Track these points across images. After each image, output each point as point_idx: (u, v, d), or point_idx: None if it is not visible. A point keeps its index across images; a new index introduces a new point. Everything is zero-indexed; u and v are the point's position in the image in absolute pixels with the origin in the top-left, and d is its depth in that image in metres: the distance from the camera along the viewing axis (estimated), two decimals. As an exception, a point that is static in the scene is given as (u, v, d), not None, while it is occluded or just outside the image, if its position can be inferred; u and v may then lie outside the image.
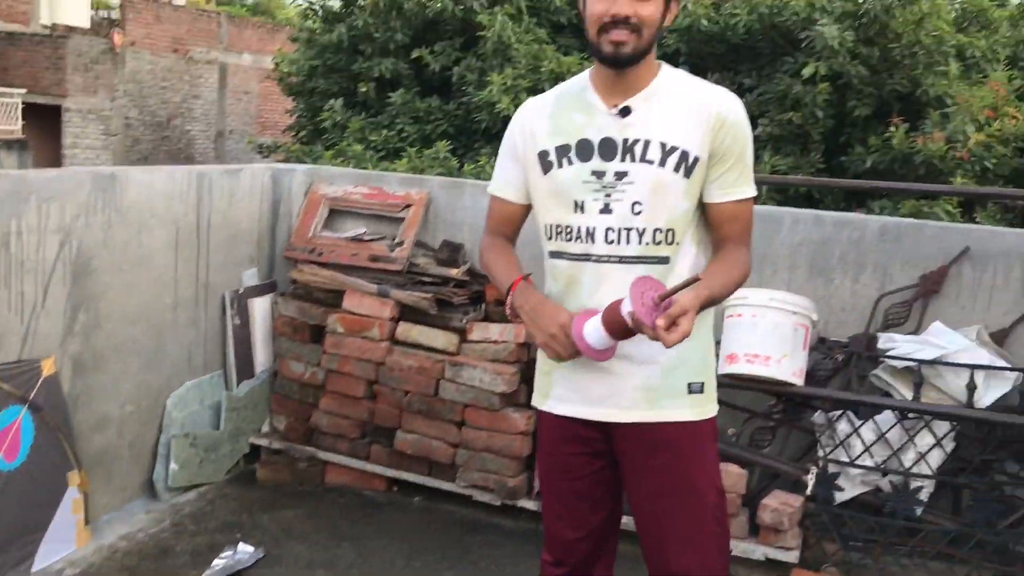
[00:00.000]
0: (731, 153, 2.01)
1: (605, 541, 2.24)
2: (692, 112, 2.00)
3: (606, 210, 2.01)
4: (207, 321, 3.99)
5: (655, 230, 2.00)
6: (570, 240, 2.06)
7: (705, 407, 2.09)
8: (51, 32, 14.89)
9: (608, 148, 2.02)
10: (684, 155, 1.98)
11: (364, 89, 8.77)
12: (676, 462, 2.06)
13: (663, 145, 1.99)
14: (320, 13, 9.75)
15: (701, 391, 2.08)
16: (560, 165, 2.05)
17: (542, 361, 2.20)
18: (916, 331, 3.42)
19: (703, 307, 1.92)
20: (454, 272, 3.93)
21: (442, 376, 3.74)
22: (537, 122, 2.10)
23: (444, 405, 3.73)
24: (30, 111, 14.55)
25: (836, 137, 7.65)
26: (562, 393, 2.14)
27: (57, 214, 3.21)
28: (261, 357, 4.21)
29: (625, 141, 2.01)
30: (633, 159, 2.00)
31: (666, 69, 2.08)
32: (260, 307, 4.19)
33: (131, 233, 3.54)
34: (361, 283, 3.94)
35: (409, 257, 4.00)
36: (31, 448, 3.11)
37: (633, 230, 2.00)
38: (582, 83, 2.10)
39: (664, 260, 2.02)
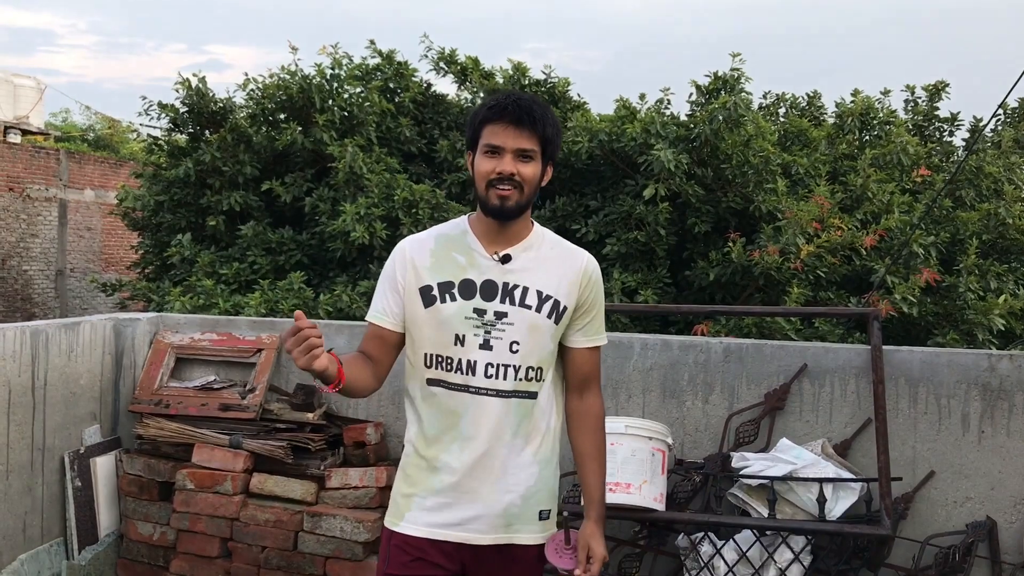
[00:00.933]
0: (594, 305, 2.31)
1: None
2: (564, 267, 2.27)
3: (486, 346, 2.19)
4: (44, 486, 3.74)
5: (528, 368, 2.21)
6: (450, 371, 2.21)
7: (549, 531, 2.33)
8: None
9: (489, 289, 2.21)
10: (556, 303, 2.23)
11: (213, 223, 8.62)
12: None
13: (539, 293, 2.22)
14: (165, 148, 9.61)
15: (548, 517, 2.31)
16: (444, 300, 2.21)
17: (405, 484, 2.28)
18: (765, 448, 3.53)
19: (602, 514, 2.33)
20: (310, 416, 3.83)
21: (301, 528, 3.60)
22: (419, 258, 2.26)
23: (304, 559, 3.58)
24: None
25: (680, 252, 7.99)
26: (422, 516, 2.24)
27: None
28: (105, 520, 3.95)
29: (506, 285, 2.21)
30: (513, 302, 2.21)
31: (538, 226, 2.32)
32: (103, 466, 3.95)
33: (-44, 399, 3.31)
34: (211, 435, 3.79)
35: (262, 403, 3.89)
36: None
37: (510, 367, 2.19)
38: (462, 227, 2.30)
39: (533, 395, 2.23)
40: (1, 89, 17.38)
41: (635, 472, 3.28)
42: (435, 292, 2.22)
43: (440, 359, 2.21)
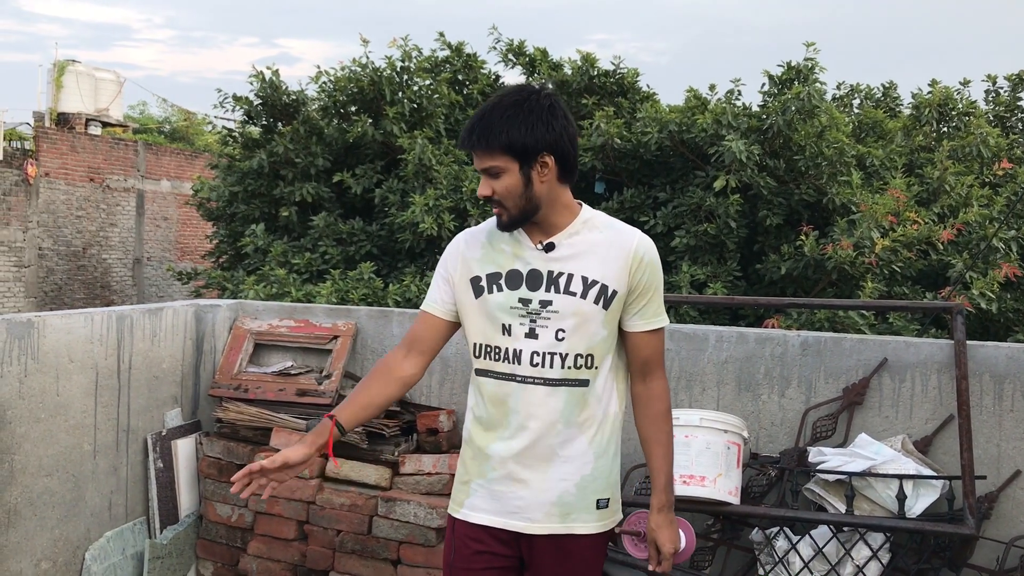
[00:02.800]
0: (650, 287, 2.25)
1: None
2: (612, 250, 2.22)
3: (531, 335, 2.19)
4: (128, 466, 3.85)
5: (576, 355, 2.19)
6: (497, 360, 2.22)
7: (608, 520, 2.30)
8: (-38, 164, 14.66)
9: (534, 279, 2.20)
10: (604, 288, 2.19)
11: (286, 214, 8.78)
12: (582, 570, 2.26)
13: (584, 279, 2.19)
14: (240, 140, 9.81)
15: (607, 506, 2.28)
16: (491, 291, 2.23)
17: (462, 471, 2.31)
18: (843, 443, 3.48)
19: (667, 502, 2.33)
20: (384, 403, 3.88)
21: (375, 513, 3.65)
22: (470, 251, 2.28)
23: (378, 543, 3.63)
24: (-62, 244, 14.18)
25: (751, 245, 7.90)
26: (479, 503, 2.26)
27: (-31, 367, 3.10)
28: (186, 501, 4.06)
29: (550, 273, 2.20)
30: (558, 290, 2.19)
31: (586, 210, 2.27)
32: (184, 449, 4.06)
33: (48, 380, 3.43)
34: (289, 419, 3.86)
35: (338, 390, 3.95)
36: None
37: (557, 355, 2.18)
38: None
39: (584, 383, 2.21)
40: (83, 83, 17.90)
41: (709, 465, 3.26)
42: (483, 283, 2.24)
43: (488, 349, 2.23)
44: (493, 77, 9.81)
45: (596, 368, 2.21)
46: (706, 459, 3.26)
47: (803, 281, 7.33)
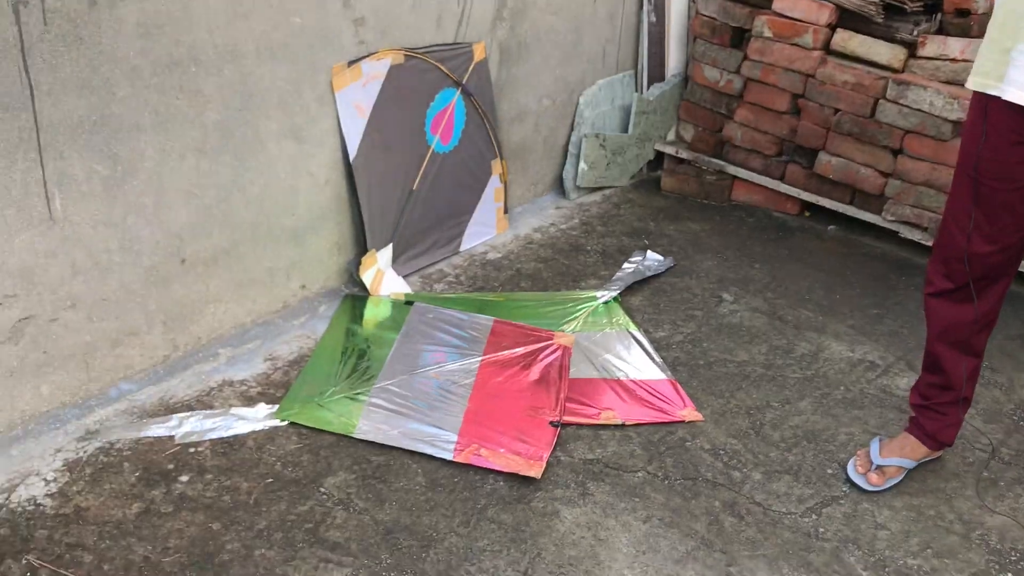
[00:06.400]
0: None
1: (1010, 266, 1.99)
2: None
3: None
4: (623, 16, 3.78)
5: None
6: None
7: None
8: None
9: None
10: None
11: None
12: None
13: None
14: None
15: None
16: None
17: (997, 35, 1.77)
18: None
19: None
20: (911, -27, 3.34)
21: (882, 95, 3.29)
22: None
23: (880, 129, 3.31)
24: None
25: None
26: (1021, 78, 1.73)
27: None
28: (673, 60, 3.96)
29: None
30: None
31: None
32: (678, 4, 3.88)
33: (559, -87, 3.32)
34: (799, -19, 3.48)
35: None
36: (462, 133, 3.18)
37: None
38: None
39: None
40: None
41: None
42: None
43: None
44: None
45: None
46: None
47: None
